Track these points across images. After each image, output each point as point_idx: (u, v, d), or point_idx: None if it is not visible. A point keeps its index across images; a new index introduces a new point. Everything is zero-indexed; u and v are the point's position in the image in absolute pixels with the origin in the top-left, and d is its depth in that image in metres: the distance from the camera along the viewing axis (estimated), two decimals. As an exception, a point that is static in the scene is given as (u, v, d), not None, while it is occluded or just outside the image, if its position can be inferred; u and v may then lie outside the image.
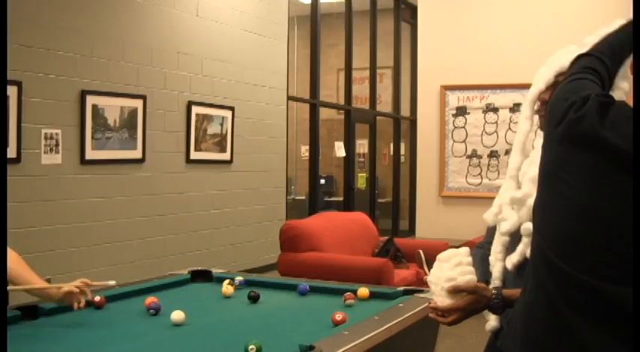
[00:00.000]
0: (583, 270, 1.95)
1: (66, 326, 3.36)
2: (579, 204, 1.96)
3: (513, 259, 2.71)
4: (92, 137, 7.73)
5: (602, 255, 1.94)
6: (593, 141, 1.93)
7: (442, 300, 2.50)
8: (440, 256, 2.58)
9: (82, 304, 3.46)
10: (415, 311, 3.55)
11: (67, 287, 3.43)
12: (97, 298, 3.74)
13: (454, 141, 10.32)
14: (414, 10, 13.45)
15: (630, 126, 1.90)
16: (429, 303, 2.54)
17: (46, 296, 3.47)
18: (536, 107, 2.80)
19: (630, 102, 2.00)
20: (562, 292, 1.99)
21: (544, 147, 2.12)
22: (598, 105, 1.98)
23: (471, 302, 2.47)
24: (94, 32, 7.74)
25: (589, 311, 1.94)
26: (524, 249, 2.66)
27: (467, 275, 2.51)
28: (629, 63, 2.21)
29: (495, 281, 2.81)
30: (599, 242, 1.94)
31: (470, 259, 2.59)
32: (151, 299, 3.69)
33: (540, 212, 2.12)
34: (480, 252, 2.98)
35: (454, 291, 2.45)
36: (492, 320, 2.82)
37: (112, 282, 3.63)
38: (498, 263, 2.83)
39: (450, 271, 2.51)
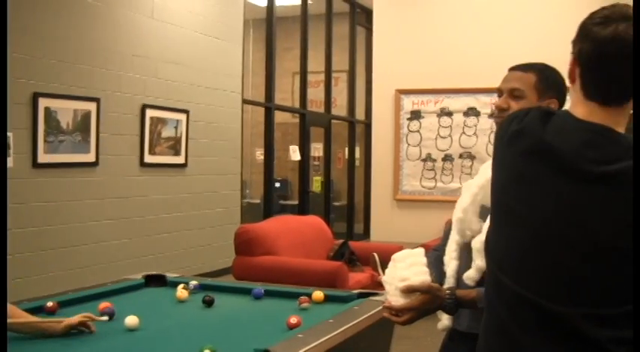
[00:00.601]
0: (532, 290, 1.97)
1: (17, 331, 3.32)
2: (528, 220, 1.98)
3: (471, 274, 2.73)
4: (45, 140, 7.65)
5: (551, 272, 1.96)
6: (538, 148, 1.96)
7: (396, 300, 2.52)
8: (395, 256, 2.60)
9: (93, 328, 3.37)
10: (370, 314, 3.56)
11: (67, 320, 3.36)
12: (50, 304, 3.71)
13: (409, 144, 10.36)
14: (369, 14, 13.51)
15: (576, 133, 1.93)
16: (384, 303, 2.55)
17: (48, 329, 3.36)
18: (490, 111, 2.86)
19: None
20: (510, 311, 2.02)
21: (493, 165, 2.15)
22: (540, 114, 2.04)
23: (425, 302, 2.49)
24: (47, 34, 7.67)
25: (536, 329, 1.96)
26: (481, 264, 2.67)
27: (421, 275, 2.53)
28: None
29: (450, 279, 2.83)
30: (548, 258, 1.95)
31: (424, 260, 2.61)
32: (104, 304, 3.67)
33: (490, 231, 2.14)
34: (435, 254, 3.01)
35: (408, 291, 2.46)
36: (445, 320, 2.85)
37: (105, 318, 3.56)
38: (453, 261, 2.86)
39: (405, 271, 2.54)
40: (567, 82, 2.17)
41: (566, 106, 2.19)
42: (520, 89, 2.83)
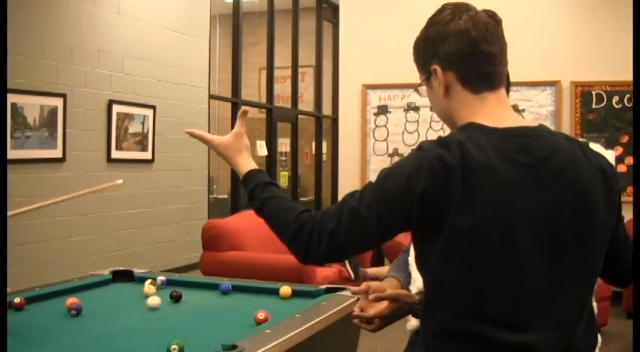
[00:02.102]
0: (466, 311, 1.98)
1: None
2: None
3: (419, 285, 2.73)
4: (11, 136, 7.62)
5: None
6: (440, 166, 1.94)
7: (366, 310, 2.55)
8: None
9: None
10: (337, 309, 3.58)
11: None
12: (17, 300, 3.70)
13: (375, 139, 10.37)
14: (335, 9, 13.53)
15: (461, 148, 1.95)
16: (353, 312, 2.56)
17: None
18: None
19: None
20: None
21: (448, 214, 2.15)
22: (436, 147, 2.01)
23: (394, 309, 2.51)
24: (12, 29, 7.61)
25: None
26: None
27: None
28: None
29: (417, 281, 2.83)
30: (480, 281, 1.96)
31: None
32: (72, 300, 3.66)
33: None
34: (405, 256, 3.01)
35: (377, 300, 2.48)
36: (413, 320, 2.86)
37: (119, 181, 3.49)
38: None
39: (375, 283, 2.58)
40: (441, 97, 2.15)
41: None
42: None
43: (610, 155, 2.93)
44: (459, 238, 1.90)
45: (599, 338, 2.31)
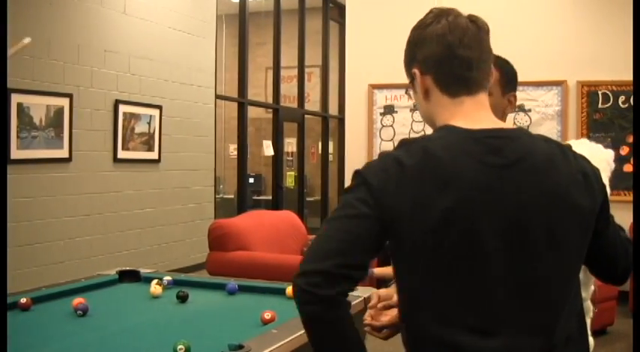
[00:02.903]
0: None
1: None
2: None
3: None
4: (17, 136, 7.63)
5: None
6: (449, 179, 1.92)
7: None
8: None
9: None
10: (344, 309, 3.57)
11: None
12: (23, 300, 3.70)
13: (382, 139, 10.36)
14: (342, 9, 13.53)
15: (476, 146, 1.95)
16: (364, 321, 2.56)
17: None
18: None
19: None
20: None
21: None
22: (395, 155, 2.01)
23: None
24: (18, 29, 7.62)
25: None
26: None
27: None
28: None
29: None
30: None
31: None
32: (78, 300, 3.66)
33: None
34: None
35: (386, 309, 2.47)
36: None
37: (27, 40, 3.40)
38: None
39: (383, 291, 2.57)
40: (422, 100, 2.15)
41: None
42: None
43: (609, 154, 2.92)
44: (420, 241, 1.88)
45: (591, 341, 2.30)
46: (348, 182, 7.76)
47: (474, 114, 2.04)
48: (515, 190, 1.91)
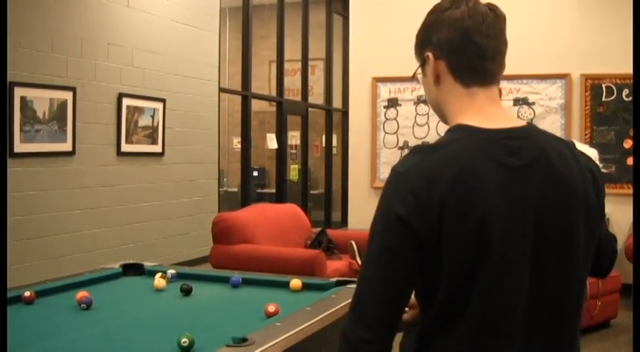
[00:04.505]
0: None
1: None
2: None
3: None
4: (21, 130, 7.63)
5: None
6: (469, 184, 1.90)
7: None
8: None
9: None
10: (348, 302, 3.56)
11: None
12: (27, 293, 3.70)
13: (386, 132, 10.36)
14: (345, 2, 13.49)
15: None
16: None
17: None
18: None
19: None
20: None
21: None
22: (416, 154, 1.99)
23: (415, 315, 2.49)
24: (21, 23, 7.63)
25: None
26: None
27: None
28: None
29: None
30: None
31: None
32: (82, 294, 3.67)
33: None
34: None
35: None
36: None
37: None
38: None
39: None
40: (432, 85, 2.12)
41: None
42: None
43: (593, 153, 2.91)
44: (457, 252, 1.84)
45: None
46: (352, 175, 7.73)
47: (487, 108, 2.01)
48: (534, 190, 1.89)
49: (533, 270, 1.90)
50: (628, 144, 8.91)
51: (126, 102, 9.16)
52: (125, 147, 9.19)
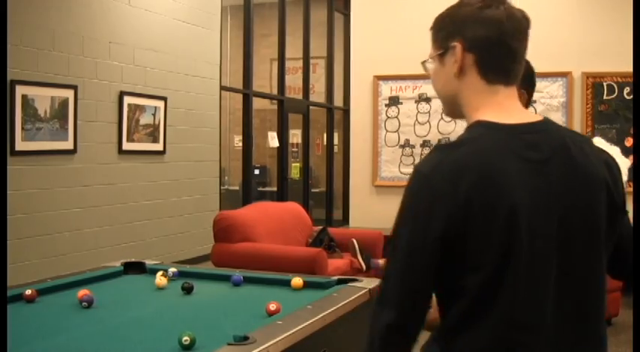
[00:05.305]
0: None
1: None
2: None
3: None
4: (22, 128, 7.63)
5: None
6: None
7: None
8: None
9: None
10: (349, 300, 3.58)
11: None
12: (29, 292, 3.70)
13: (387, 130, 10.36)
14: (347, 0, 13.49)
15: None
16: None
17: None
18: None
19: None
20: None
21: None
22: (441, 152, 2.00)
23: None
24: (23, 21, 7.63)
25: None
26: None
27: None
28: None
29: None
30: None
31: None
32: (83, 292, 3.67)
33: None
34: None
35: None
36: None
37: None
38: None
39: None
40: (451, 77, 2.09)
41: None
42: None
43: (615, 151, 2.90)
44: (486, 245, 1.85)
45: None
46: (353, 173, 7.72)
47: (507, 103, 2.03)
48: (555, 185, 1.91)
49: (560, 261, 1.91)
50: (629, 142, 8.90)
51: (127, 100, 9.16)
52: (126, 146, 9.19)
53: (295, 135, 15.17)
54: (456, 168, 1.86)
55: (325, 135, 15.88)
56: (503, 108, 2.02)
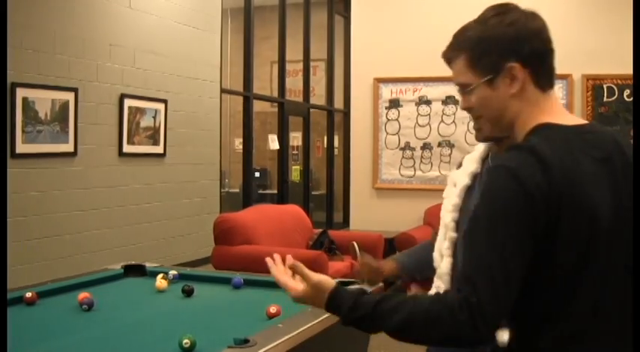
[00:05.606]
0: None
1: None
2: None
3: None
4: (23, 130, 7.63)
5: None
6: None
7: None
8: None
9: None
10: (349, 303, 3.57)
11: None
12: (29, 294, 3.70)
13: (387, 133, 10.37)
14: (347, 3, 13.48)
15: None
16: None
17: None
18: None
19: None
20: None
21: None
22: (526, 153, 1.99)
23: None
24: (24, 23, 7.63)
25: None
26: None
27: None
28: None
29: (445, 277, 2.76)
30: None
31: None
32: (83, 295, 3.67)
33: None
34: (428, 249, 2.94)
35: None
36: None
37: None
38: (447, 259, 2.77)
39: None
40: (506, 98, 2.07)
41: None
42: (463, 82, 2.71)
43: None
44: (568, 245, 1.86)
45: None
46: (353, 176, 7.75)
47: (557, 106, 2.08)
48: (615, 182, 1.93)
49: (625, 258, 1.94)
50: (629, 144, 8.90)
51: (127, 103, 9.16)
52: (127, 148, 9.19)
53: (296, 138, 15.16)
54: (542, 165, 1.86)
55: (325, 137, 15.87)
56: (559, 111, 2.07)
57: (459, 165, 2.87)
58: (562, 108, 2.10)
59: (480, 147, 2.81)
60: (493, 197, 1.89)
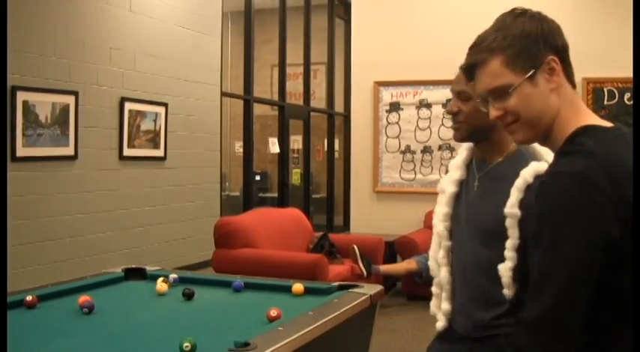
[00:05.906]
0: None
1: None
2: None
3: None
4: (23, 134, 7.63)
5: None
6: None
7: None
8: None
9: None
10: (350, 306, 3.57)
11: None
12: (29, 298, 3.70)
13: (388, 136, 10.37)
14: (347, 6, 13.50)
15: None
16: None
17: None
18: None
19: None
20: None
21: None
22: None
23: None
24: (24, 27, 7.63)
25: None
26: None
27: None
28: None
29: (446, 286, 2.75)
30: None
31: None
32: (84, 298, 3.66)
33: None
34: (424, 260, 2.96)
35: None
36: (441, 321, 2.79)
37: None
38: (444, 268, 2.77)
39: None
40: (547, 94, 2.03)
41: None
42: (466, 91, 2.71)
43: None
44: (622, 250, 1.81)
45: None
46: (354, 179, 7.71)
47: (587, 108, 2.07)
48: None
49: None
50: (630, 148, 8.90)
51: (128, 106, 9.16)
52: (127, 152, 9.19)
53: (296, 141, 15.16)
54: (606, 169, 1.81)
55: (326, 141, 15.88)
56: (588, 111, 2.06)
57: (447, 171, 2.88)
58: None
59: (463, 153, 2.80)
60: (559, 208, 1.82)
